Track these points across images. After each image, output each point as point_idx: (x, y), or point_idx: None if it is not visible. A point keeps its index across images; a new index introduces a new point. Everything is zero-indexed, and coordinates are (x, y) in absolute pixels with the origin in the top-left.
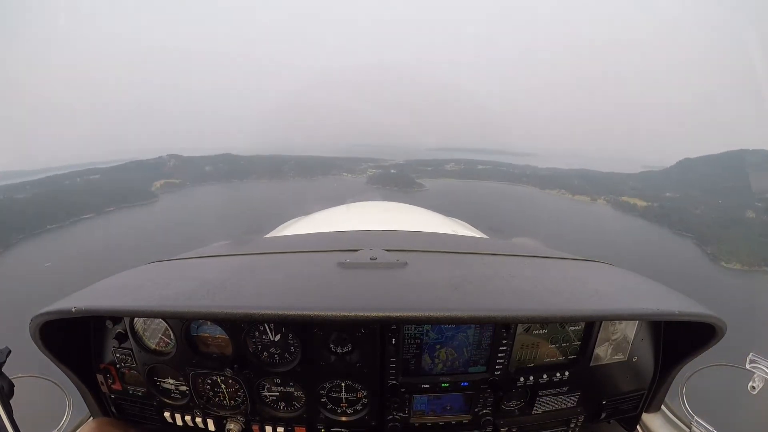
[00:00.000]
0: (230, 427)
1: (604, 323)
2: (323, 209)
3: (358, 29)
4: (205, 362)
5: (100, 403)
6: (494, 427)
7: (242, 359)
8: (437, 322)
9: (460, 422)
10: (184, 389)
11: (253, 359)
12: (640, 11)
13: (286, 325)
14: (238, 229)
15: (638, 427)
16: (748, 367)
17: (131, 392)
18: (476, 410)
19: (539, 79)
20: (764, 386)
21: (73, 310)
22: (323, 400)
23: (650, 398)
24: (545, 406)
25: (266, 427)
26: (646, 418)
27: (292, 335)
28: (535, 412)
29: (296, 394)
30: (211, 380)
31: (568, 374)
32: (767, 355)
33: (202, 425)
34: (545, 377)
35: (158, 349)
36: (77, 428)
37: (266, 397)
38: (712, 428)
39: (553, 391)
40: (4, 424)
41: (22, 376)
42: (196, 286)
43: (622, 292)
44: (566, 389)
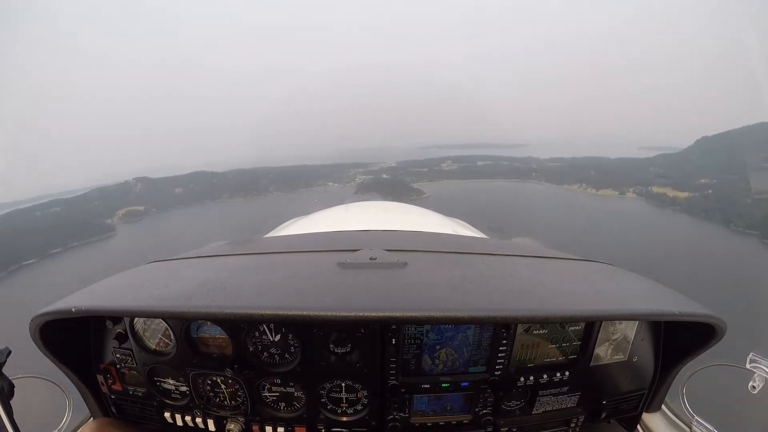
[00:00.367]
0: (230, 427)
1: (604, 323)
2: (323, 209)
3: (338, 31)
4: (205, 362)
5: (100, 403)
6: (494, 427)
7: (242, 359)
8: (437, 322)
9: (460, 422)
10: (184, 389)
11: (253, 359)
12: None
13: (286, 325)
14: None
15: (638, 426)
16: (748, 366)
17: (131, 392)
18: (476, 410)
19: (529, 65)
20: (764, 386)
21: (73, 310)
22: (323, 400)
23: (650, 398)
24: (545, 406)
25: (266, 427)
26: (646, 417)
27: (292, 335)
28: (535, 412)
29: (296, 394)
30: (211, 380)
31: (568, 374)
32: (767, 354)
33: (202, 425)
34: (545, 377)
35: (158, 349)
36: (77, 428)
37: (266, 397)
38: (712, 428)
39: (553, 391)
40: (4, 424)
41: (22, 376)
42: (196, 286)
43: (622, 292)
44: (566, 389)
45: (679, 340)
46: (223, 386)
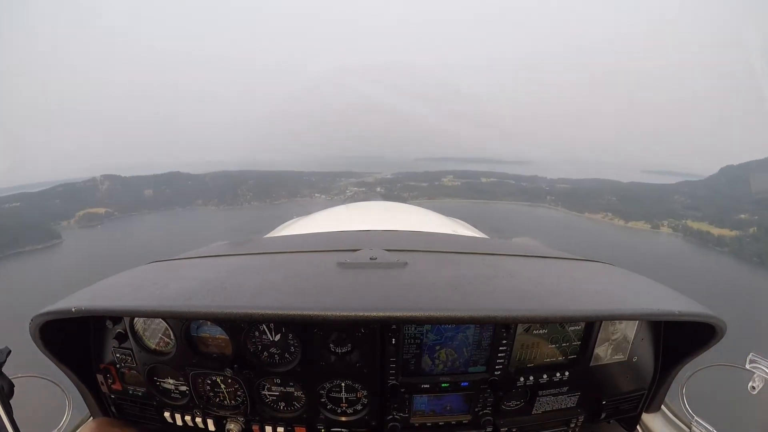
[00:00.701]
0: (230, 427)
1: (604, 323)
2: (323, 209)
3: (338, 30)
4: (205, 362)
5: (100, 403)
6: (494, 427)
7: (242, 359)
8: (437, 322)
9: (460, 422)
10: (184, 389)
11: (253, 359)
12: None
13: (286, 325)
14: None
15: (638, 427)
16: (748, 367)
17: (131, 392)
18: (476, 410)
19: (534, 79)
20: (764, 386)
21: (73, 310)
22: (323, 400)
23: (650, 398)
24: (545, 406)
25: (266, 427)
26: (646, 418)
27: (292, 335)
28: (535, 412)
29: (296, 394)
30: (211, 380)
31: (568, 374)
32: (767, 355)
33: (202, 425)
34: (545, 377)
35: (158, 349)
36: (77, 428)
37: (266, 397)
38: (712, 428)
39: (553, 391)
40: (4, 424)
41: (22, 376)
42: (196, 286)
43: (622, 291)
44: (566, 389)
45: (679, 340)
46: (222, 386)
